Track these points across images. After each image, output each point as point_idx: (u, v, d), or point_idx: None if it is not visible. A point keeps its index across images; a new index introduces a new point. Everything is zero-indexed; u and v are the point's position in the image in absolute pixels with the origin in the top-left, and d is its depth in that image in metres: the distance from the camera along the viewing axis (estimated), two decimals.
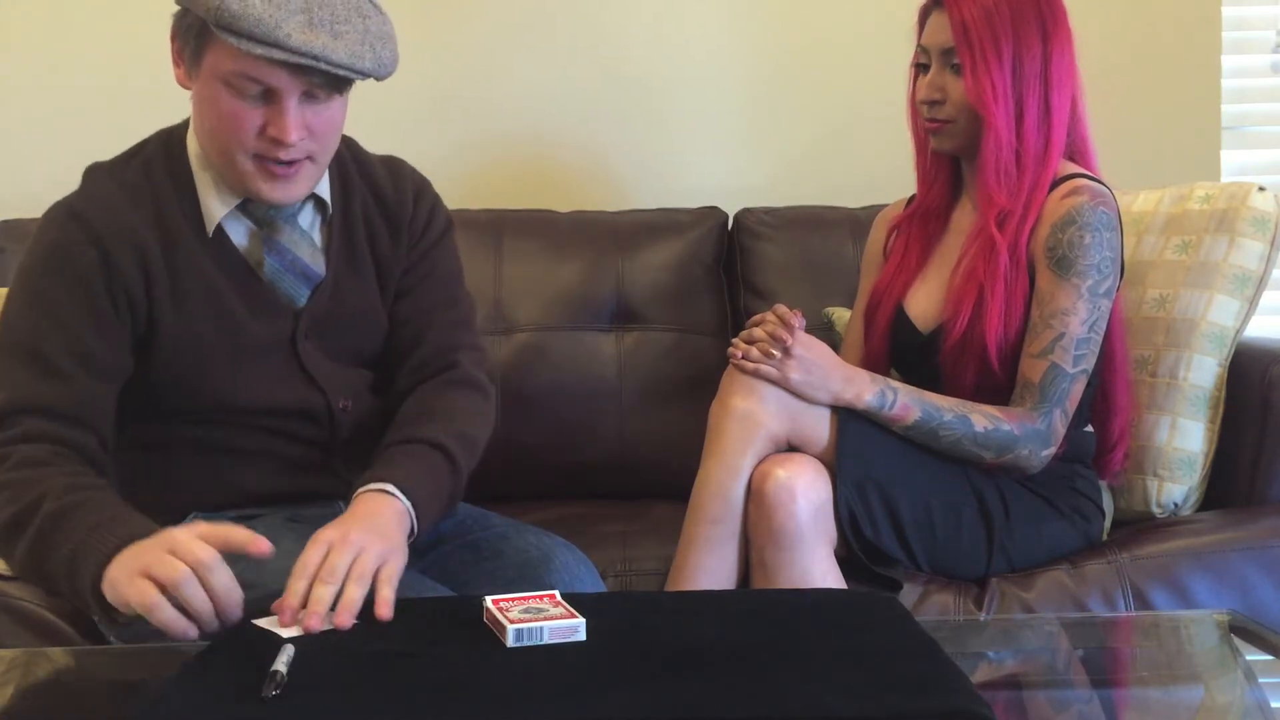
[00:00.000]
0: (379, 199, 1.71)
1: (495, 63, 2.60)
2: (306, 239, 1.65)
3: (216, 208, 1.61)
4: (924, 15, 1.94)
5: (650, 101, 2.62)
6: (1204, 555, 1.87)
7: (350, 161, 1.71)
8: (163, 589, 1.31)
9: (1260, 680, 1.46)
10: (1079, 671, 1.57)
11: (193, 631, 1.32)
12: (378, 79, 1.55)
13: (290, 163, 1.54)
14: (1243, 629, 1.51)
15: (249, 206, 1.62)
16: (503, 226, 2.40)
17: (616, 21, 2.61)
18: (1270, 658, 1.45)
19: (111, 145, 1.77)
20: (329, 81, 1.51)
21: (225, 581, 1.33)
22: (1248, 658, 1.47)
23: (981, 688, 1.18)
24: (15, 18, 2.52)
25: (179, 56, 1.56)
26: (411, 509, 1.48)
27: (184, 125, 1.66)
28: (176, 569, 1.31)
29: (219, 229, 1.62)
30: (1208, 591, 1.85)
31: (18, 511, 1.44)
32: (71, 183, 1.69)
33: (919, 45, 1.95)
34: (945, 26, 1.88)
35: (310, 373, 1.65)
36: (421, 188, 1.75)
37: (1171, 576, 1.85)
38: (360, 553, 1.36)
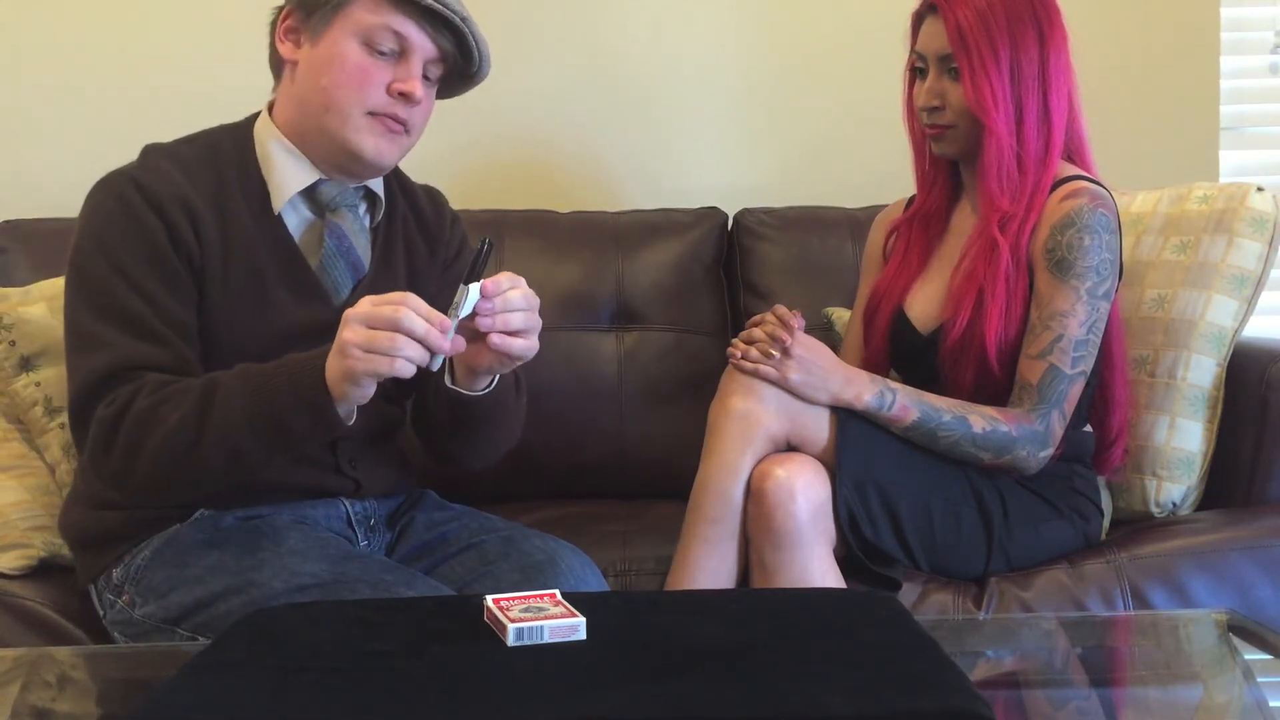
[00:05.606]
0: (419, 217, 1.83)
1: (496, 63, 2.59)
2: (362, 231, 1.72)
3: (289, 184, 1.68)
4: (917, 21, 1.94)
5: (650, 102, 2.62)
6: (1202, 555, 1.88)
7: (395, 181, 1.82)
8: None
9: (1258, 679, 1.46)
10: (1078, 670, 1.58)
11: (415, 364, 1.42)
12: (479, 74, 1.74)
13: (401, 121, 1.66)
14: (1241, 628, 1.52)
15: (315, 191, 1.69)
16: (503, 226, 2.40)
17: (617, 22, 2.61)
18: (1268, 657, 1.45)
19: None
20: (448, 56, 1.68)
21: (425, 307, 1.43)
22: (1246, 657, 1.47)
23: (980, 686, 1.19)
24: (20, 19, 2.52)
25: (294, 28, 1.67)
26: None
27: (248, 121, 1.74)
28: (386, 312, 1.41)
29: (277, 216, 1.67)
30: (1206, 591, 1.85)
31: (194, 400, 1.50)
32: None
33: (914, 51, 1.94)
34: (941, 32, 1.88)
35: None
36: (456, 218, 1.90)
37: (1170, 576, 1.85)
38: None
